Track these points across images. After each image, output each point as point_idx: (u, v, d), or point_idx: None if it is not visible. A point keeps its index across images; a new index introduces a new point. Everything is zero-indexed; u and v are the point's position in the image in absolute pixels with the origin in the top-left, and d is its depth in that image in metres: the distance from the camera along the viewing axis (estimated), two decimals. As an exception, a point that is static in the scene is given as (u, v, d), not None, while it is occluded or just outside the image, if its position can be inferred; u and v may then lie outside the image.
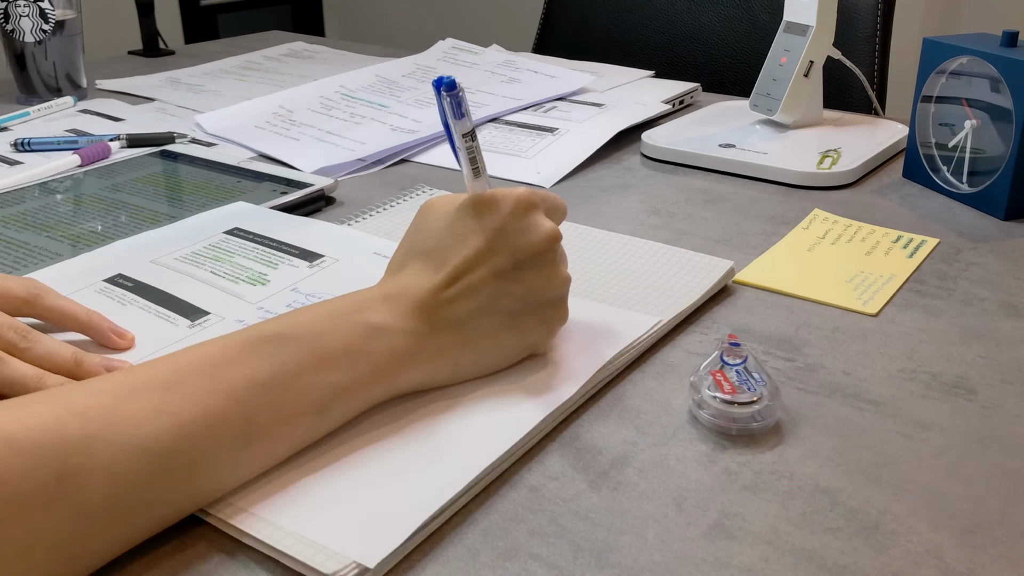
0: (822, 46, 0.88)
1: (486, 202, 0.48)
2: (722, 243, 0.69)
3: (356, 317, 0.45)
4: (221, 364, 0.40)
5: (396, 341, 0.45)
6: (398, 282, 0.48)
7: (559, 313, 0.50)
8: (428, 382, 0.47)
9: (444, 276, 0.47)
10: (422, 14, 3.25)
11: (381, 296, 0.46)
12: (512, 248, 0.47)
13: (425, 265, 0.48)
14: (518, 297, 0.48)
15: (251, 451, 0.40)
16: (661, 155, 0.88)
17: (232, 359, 0.41)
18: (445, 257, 0.47)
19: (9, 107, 1.06)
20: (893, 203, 0.76)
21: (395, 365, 0.45)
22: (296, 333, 0.42)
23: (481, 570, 0.37)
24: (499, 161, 0.87)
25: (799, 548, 0.38)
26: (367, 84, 1.08)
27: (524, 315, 0.48)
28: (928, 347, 0.54)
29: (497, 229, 0.47)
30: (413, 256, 0.49)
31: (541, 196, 0.49)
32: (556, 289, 0.49)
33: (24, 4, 1.04)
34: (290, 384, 0.41)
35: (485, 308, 0.47)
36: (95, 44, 1.58)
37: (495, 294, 0.47)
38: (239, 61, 1.30)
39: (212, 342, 0.42)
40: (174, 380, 0.39)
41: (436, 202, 0.50)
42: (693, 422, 0.47)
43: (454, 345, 0.47)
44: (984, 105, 0.73)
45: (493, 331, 0.48)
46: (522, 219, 0.48)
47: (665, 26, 1.34)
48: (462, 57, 1.18)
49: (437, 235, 0.48)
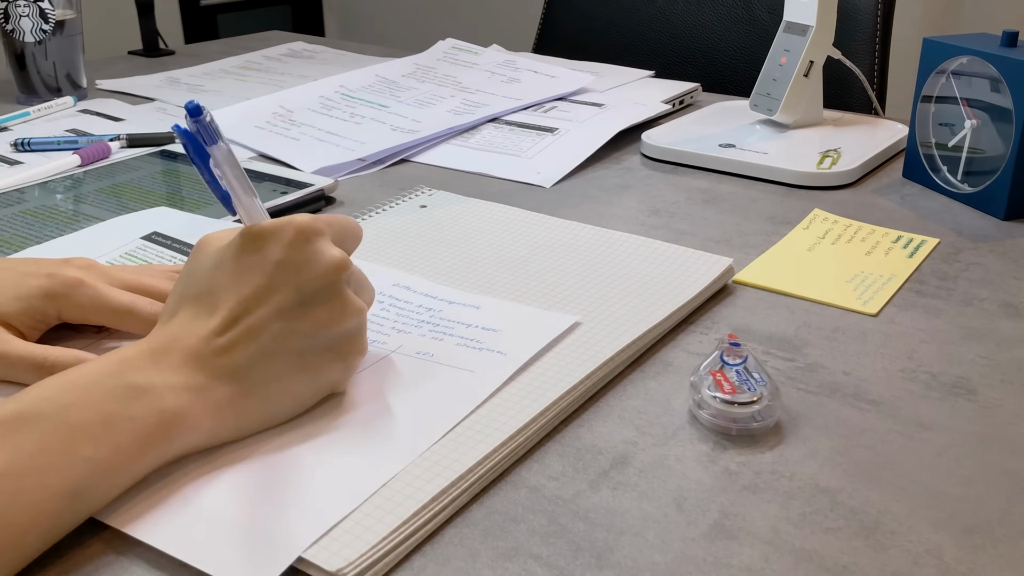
0: (822, 46, 0.88)
1: (262, 234, 0.43)
2: (722, 243, 0.69)
3: (113, 381, 0.40)
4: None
5: (164, 401, 0.40)
6: (166, 332, 0.43)
7: (356, 347, 0.46)
8: (209, 441, 0.42)
9: (219, 321, 0.42)
10: (422, 14, 3.25)
11: (147, 351, 0.42)
12: (295, 283, 0.43)
13: (197, 310, 0.43)
14: (306, 335, 0.43)
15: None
16: (661, 155, 0.88)
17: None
18: (219, 299, 0.43)
19: (9, 107, 1.06)
20: (893, 203, 0.76)
21: (164, 428, 0.40)
22: (38, 410, 0.38)
23: (481, 570, 0.37)
24: (499, 161, 0.87)
25: (799, 548, 0.38)
26: (367, 84, 1.08)
27: (316, 354, 0.44)
28: (928, 347, 0.54)
29: (277, 263, 0.43)
30: (184, 302, 0.44)
31: (326, 221, 0.45)
32: (349, 320, 0.45)
33: (24, 4, 1.04)
34: (31, 469, 0.36)
35: (269, 351, 0.43)
36: (95, 44, 1.59)
37: (280, 335, 0.43)
38: (239, 61, 1.30)
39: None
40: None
41: (208, 239, 0.46)
42: (693, 422, 0.47)
43: (236, 396, 0.42)
44: (984, 105, 0.73)
45: (280, 376, 0.43)
46: (304, 249, 0.43)
47: (665, 26, 1.34)
48: (462, 57, 1.18)
49: (209, 276, 0.44)
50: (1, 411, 0.38)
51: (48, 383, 0.40)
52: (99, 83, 1.19)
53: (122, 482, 0.39)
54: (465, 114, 0.97)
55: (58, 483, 0.37)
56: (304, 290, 0.43)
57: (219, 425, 0.42)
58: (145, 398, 0.40)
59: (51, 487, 0.37)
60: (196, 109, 0.42)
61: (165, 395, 0.40)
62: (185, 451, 0.42)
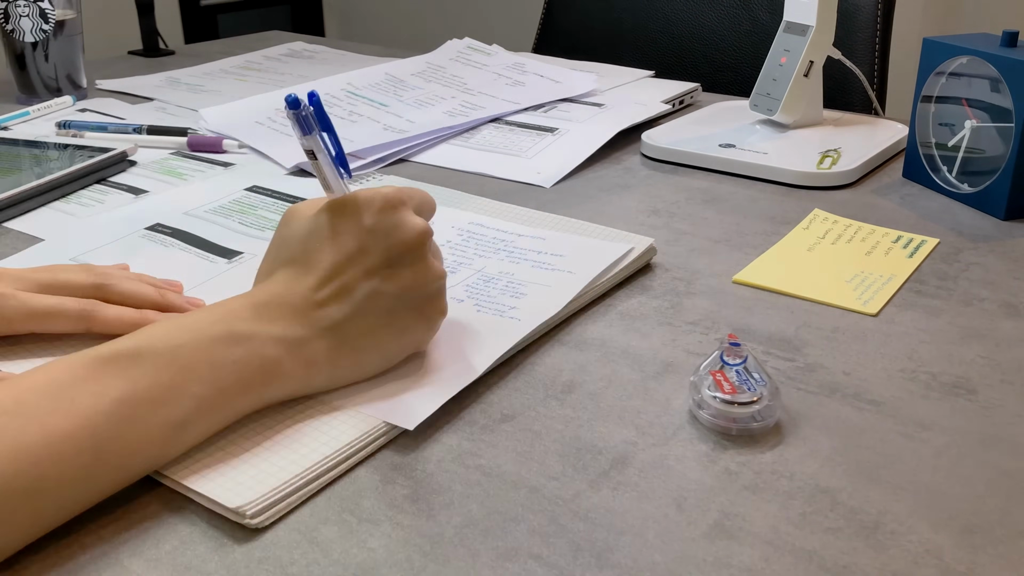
0: (822, 46, 0.88)
1: (352, 203, 0.47)
2: (722, 243, 0.69)
3: (219, 327, 0.43)
4: (65, 385, 0.39)
5: (265, 349, 0.44)
6: (267, 289, 0.46)
7: (437, 307, 0.50)
8: (302, 390, 0.46)
9: (316, 279, 0.46)
10: (422, 14, 3.25)
11: (250, 304, 0.45)
12: (384, 246, 0.47)
13: (295, 270, 0.47)
14: (394, 295, 0.47)
15: (101, 469, 0.39)
16: (661, 155, 0.88)
17: (79, 378, 0.40)
18: (315, 260, 0.46)
19: (9, 107, 1.06)
20: (893, 203, 0.76)
21: (263, 374, 0.44)
22: (152, 348, 0.41)
23: (481, 570, 0.37)
24: (499, 161, 0.87)
25: (799, 548, 0.38)
26: (374, 82, 1.07)
27: (402, 313, 0.48)
28: (928, 347, 0.54)
29: (367, 229, 0.47)
30: (281, 264, 0.48)
31: (408, 194, 0.49)
32: (431, 284, 0.49)
33: (24, 4, 1.04)
34: (144, 400, 0.40)
35: (361, 308, 0.46)
36: (95, 44, 1.58)
37: (371, 294, 0.47)
38: (239, 61, 1.30)
39: (60, 362, 0.41)
40: (13, 405, 0.38)
41: (298, 208, 0.49)
42: (693, 422, 0.47)
43: (330, 348, 0.46)
44: (984, 105, 0.73)
45: (372, 331, 0.47)
46: (391, 217, 0.47)
47: (665, 26, 1.34)
48: (474, 57, 1.18)
49: (304, 240, 0.47)
50: (120, 345, 0.41)
51: (161, 325, 0.44)
52: (99, 83, 1.19)
53: (222, 419, 0.43)
54: (459, 116, 0.97)
55: (167, 413, 0.41)
56: (392, 253, 0.47)
57: (314, 375, 0.46)
58: (247, 345, 0.43)
59: (162, 416, 0.40)
60: (295, 102, 0.45)
61: (265, 344, 0.44)
62: (280, 397, 0.46)
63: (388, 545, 0.39)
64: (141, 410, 0.40)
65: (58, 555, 0.38)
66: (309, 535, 0.40)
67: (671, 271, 0.64)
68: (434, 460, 0.44)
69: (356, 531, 0.40)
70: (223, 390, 0.42)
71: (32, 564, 0.38)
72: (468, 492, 0.42)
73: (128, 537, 0.39)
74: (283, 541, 0.39)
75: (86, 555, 0.38)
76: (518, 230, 0.67)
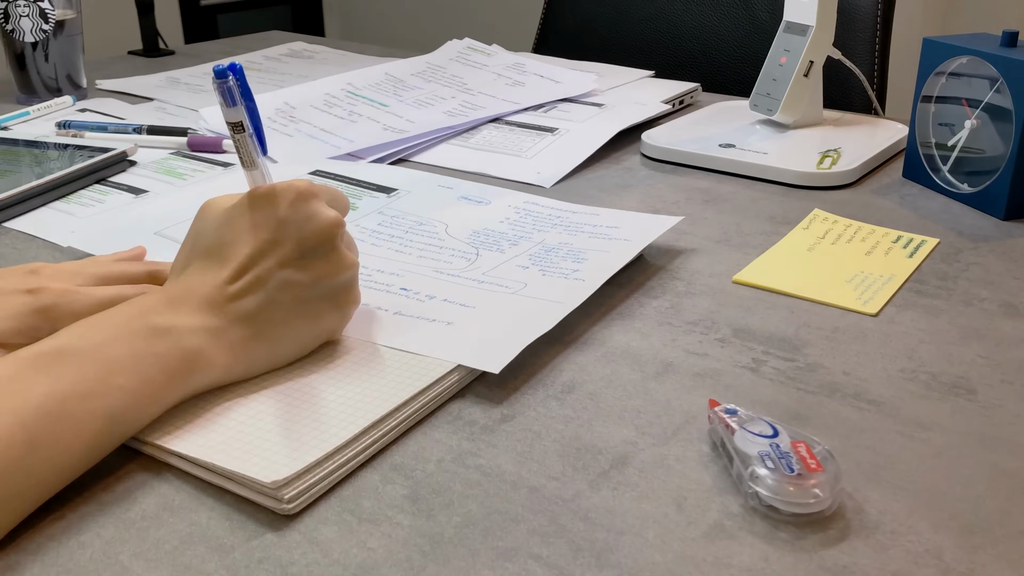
0: (822, 46, 0.88)
1: (265, 195, 0.48)
2: (722, 243, 0.69)
3: (138, 322, 0.44)
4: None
5: (184, 341, 0.45)
6: (182, 283, 0.48)
7: (350, 296, 0.51)
8: (224, 378, 0.47)
9: (230, 271, 0.47)
10: (422, 14, 3.25)
11: (165, 299, 0.46)
12: (297, 237, 0.48)
13: (208, 263, 0.48)
14: (307, 285, 0.48)
15: (36, 462, 0.39)
16: (661, 155, 0.88)
17: (9, 377, 0.40)
18: (229, 252, 0.47)
19: (9, 107, 1.06)
20: (893, 203, 0.76)
21: (186, 364, 0.45)
22: (74, 345, 0.42)
23: (481, 570, 0.37)
24: (499, 161, 0.87)
25: (799, 548, 0.38)
26: (375, 82, 1.07)
27: (315, 302, 0.49)
28: (928, 347, 0.54)
29: (281, 220, 0.48)
30: (196, 256, 0.49)
31: (320, 187, 0.50)
32: (344, 273, 0.50)
33: (24, 4, 1.04)
34: (71, 394, 0.41)
35: (275, 299, 0.48)
36: (95, 44, 1.59)
37: (284, 284, 0.48)
38: (239, 61, 1.30)
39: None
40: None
41: (213, 202, 0.50)
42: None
43: (247, 338, 0.47)
44: (984, 105, 0.73)
45: (285, 320, 0.48)
46: (304, 208, 0.48)
47: (665, 26, 1.34)
48: (474, 58, 1.17)
49: (218, 233, 0.48)
50: (42, 346, 0.42)
51: (80, 324, 0.44)
52: (99, 83, 1.19)
53: (152, 411, 0.44)
54: (459, 116, 0.97)
55: (96, 405, 0.41)
56: (305, 244, 0.48)
57: (233, 363, 0.47)
58: (167, 338, 0.44)
59: (91, 409, 0.41)
60: (222, 72, 0.46)
61: (184, 335, 0.45)
62: (204, 386, 0.46)
63: (388, 545, 0.39)
64: (70, 404, 0.40)
65: (58, 555, 0.38)
66: (309, 535, 0.40)
67: (671, 271, 0.64)
68: (434, 460, 0.44)
69: (356, 531, 0.40)
70: (148, 381, 0.43)
71: (33, 564, 0.38)
72: (468, 492, 0.42)
73: (128, 537, 0.39)
74: (283, 541, 0.39)
75: (86, 555, 0.38)
76: (572, 207, 0.71)
